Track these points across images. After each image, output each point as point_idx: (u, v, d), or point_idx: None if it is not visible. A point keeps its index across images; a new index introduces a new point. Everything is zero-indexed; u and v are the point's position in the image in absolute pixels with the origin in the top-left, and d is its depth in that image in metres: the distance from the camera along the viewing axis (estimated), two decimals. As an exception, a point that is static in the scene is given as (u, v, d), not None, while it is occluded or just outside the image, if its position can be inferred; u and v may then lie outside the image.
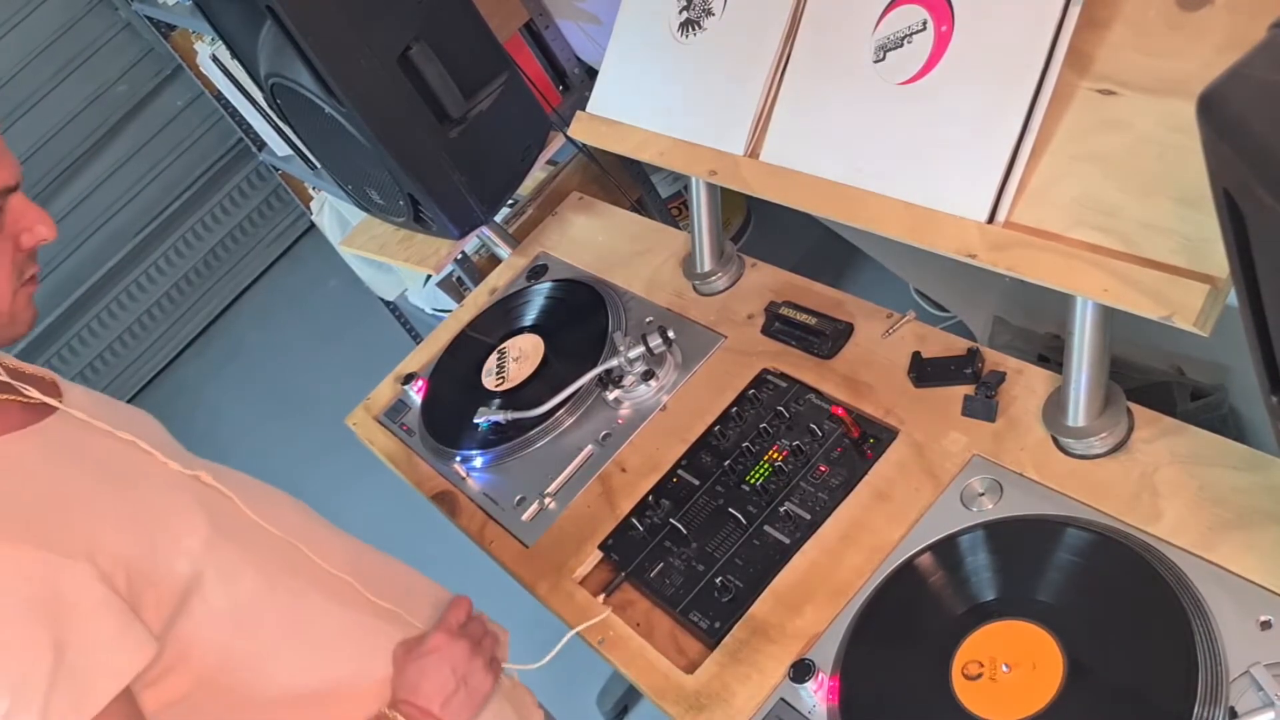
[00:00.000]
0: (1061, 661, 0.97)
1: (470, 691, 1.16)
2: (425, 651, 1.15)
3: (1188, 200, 0.95)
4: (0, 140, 0.99)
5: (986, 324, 1.90)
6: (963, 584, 1.09)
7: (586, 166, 2.35)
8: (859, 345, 1.40)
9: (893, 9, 1.19)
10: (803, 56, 1.31)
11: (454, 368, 1.78)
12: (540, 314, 1.76)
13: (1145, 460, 1.10)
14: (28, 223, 1.02)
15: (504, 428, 1.57)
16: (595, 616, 1.29)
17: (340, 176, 1.94)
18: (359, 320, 3.65)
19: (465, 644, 1.16)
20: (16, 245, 1.00)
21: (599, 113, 1.60)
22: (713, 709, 1.15)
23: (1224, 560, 0.99)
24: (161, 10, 2.96)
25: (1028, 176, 1.08)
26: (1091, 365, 1.11)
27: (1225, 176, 0.66)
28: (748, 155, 1.36)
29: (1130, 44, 1.03)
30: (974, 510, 1.14)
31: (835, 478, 1.27)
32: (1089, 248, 1.02)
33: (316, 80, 1.58)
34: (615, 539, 1.36)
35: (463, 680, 1.15)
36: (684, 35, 1.47)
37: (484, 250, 2.41)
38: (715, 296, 1.60)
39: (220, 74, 2.77)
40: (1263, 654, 0.90)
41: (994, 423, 1.22)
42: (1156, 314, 0.95)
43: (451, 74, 1.63)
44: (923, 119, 1.16)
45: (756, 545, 1.26)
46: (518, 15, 2.23)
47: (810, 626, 1.16)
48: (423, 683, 1.14)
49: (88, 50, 4.13)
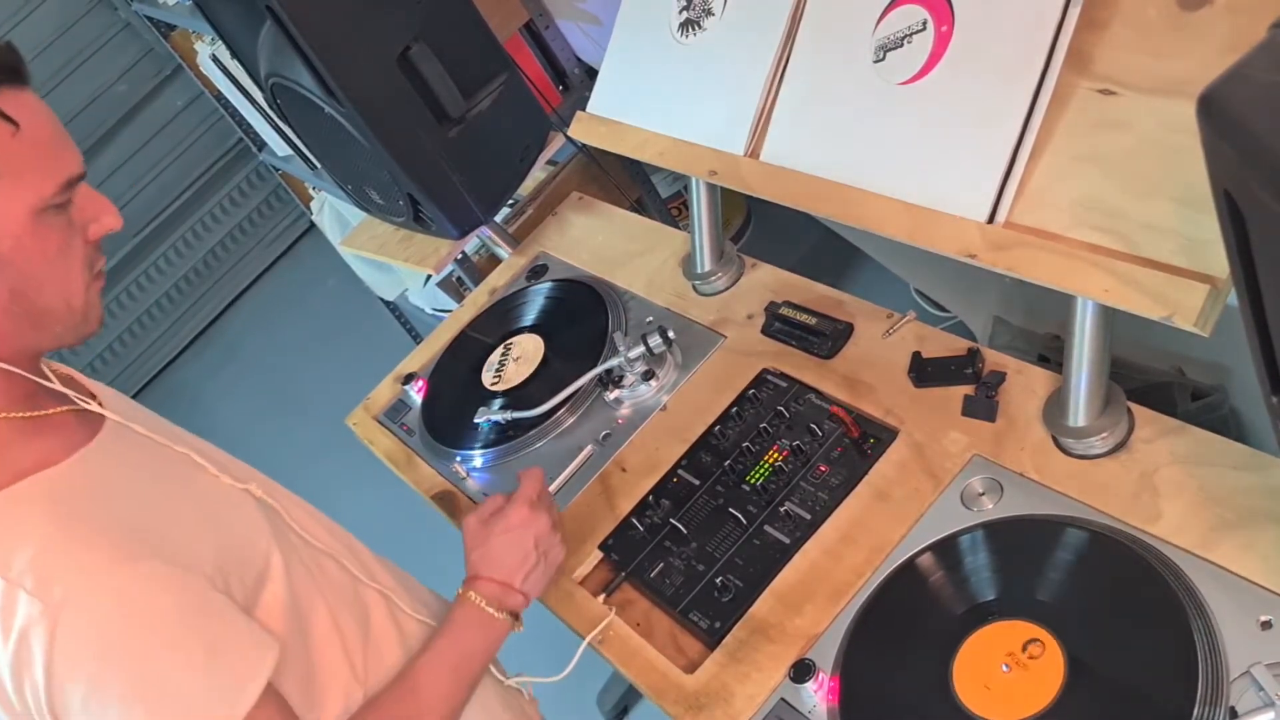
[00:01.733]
0: (1062, 661, 0.97)
1: (548, 564, 1.20)
2: (508, 527, 1.19)
3: (1188, 201, 0.95)
4: (62, 129, 0.97)
5: (987, 324, 1.90)
6: (963, 584, 1.09)
7: (586, 166, 2.35)
8: (859, 345, 1.40)
9: (893, 9, 1.19)
10: (803, 56, 1.31)
11: (454, 368, 1.78)
12: (540, 314, 1.76)
13: (1145, 460, 1.10)
14: (94, 212, 0.99)
15: (504, 428, 1.57)
16: (599, 619, 1.28)
17: (340, 176, 1.94)
18: (359, 320, 3.65)
19: (545, 517, 1.20)
20: (84, 238, 0.98)
21: (599, 113, 1.60)
22: (713, 709, 1.15)
23: (1224, 560, 0.99)
24: (161, 10, 2.96)
25: (1028, 177, 1.08)
26: (1092, 365, 1.11)
27: (1225, 177, 0.66)
28: (748, 155, 1.36)
29: (1130, 44, 1.03)
30: (974, 510, 1.14)
31: (835, 477, 1.27)
32: (1089, 248, 1.02)
33: (316, 80, 1.58)
34: (615, 539, 1.36)
35: (543, 554, 1.19)
36: (684, 35, 1.47)
37: (484, 250, 2.41)
38: (715, 296, 1.60)
39: (220, 74, 2.78)
40: (1263, 654, 0.90)
41: (994, 423, 1.22)
42: (1157, 314, 0.95)
43: (451, 74, 1.63)
44: (923, 119, 1.16)
45: (756, 545, 1.26)
46: (518, 15, 2.23)
47: (810, 626, 1.16)
48: (506, 557, 1.17)
49: (87, 50, 4.12)
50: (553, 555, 1.22)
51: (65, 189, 0.95)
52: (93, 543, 0.90)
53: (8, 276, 0.93)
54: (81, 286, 0.99)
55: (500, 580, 1.17)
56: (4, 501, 0.91)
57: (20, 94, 0.93)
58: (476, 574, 1.18)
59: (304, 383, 3.84)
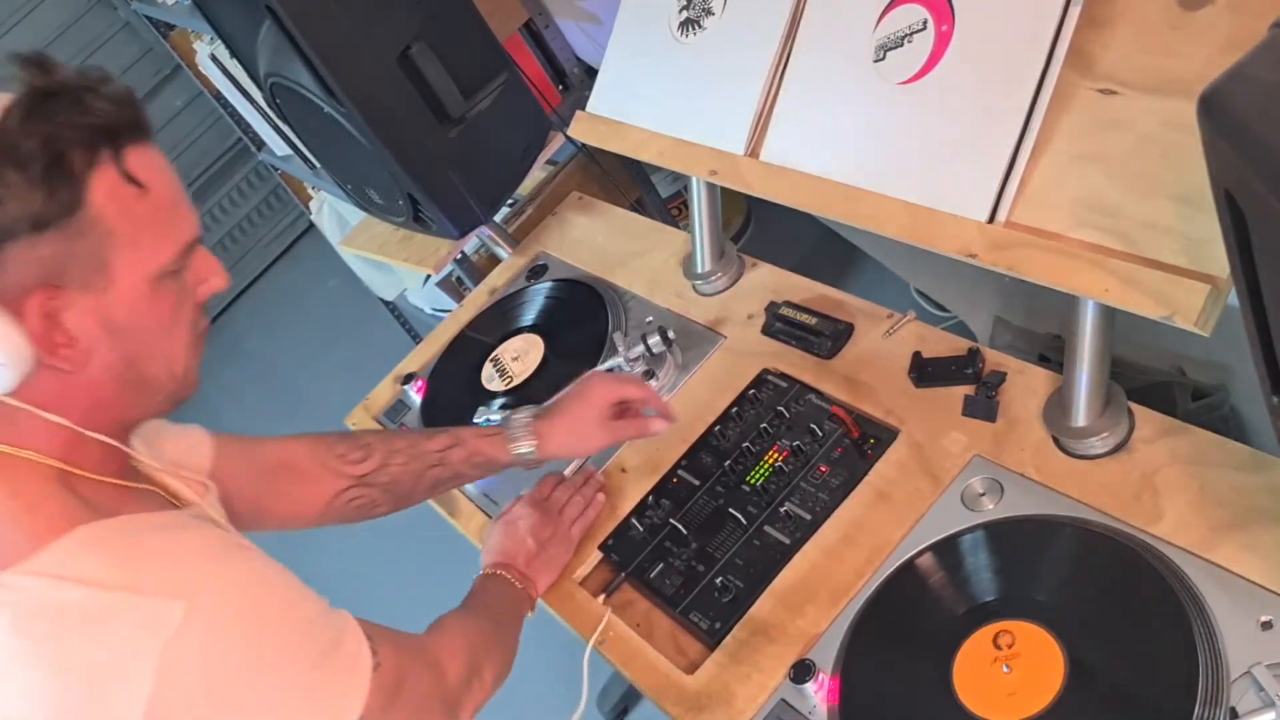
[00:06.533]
0: (1063, 662, 0.97)
1: (548, 555, 1.33)
2: (509, 520, 1.35)
3: (1189, 200, 0.95)
4: (181, 186, 0.93)
5: (987, 324, 1.90)
6: (963, 584, 1.09)
7: (586, 166, 2.35)
8: (859, 345, 1.40)
9: (893, 8, 1.19)
10: (803, 56, 1.31)
11: (453, 368, 1.78)
12: (540, 314, 1.76)
13: (1146, 460, 1.10)
14: (205, 274, 0.96)
15: (504, 428, 1.57)
16: (599, 619, 1.28)
17: (340, 176, 1.93)
18: (358, 320, 3.64)
19: (542, 515, 1.34)
20: (194, 300, 0.96)
21: (599, 112, 1.60)
22: (713, 709, 1.15)
23: (1225, 560, 0.99)
24: (161, 10, 2.95)
25: (1028, 176, 1.07)
26: (1092, 365, 1.10)
27: (1226, 176, 0.66)
28: (748, 155, 1.36)
29: (1131, 44, 1.03)
30: (975, 510, 1.14)
31: (836, 478, 1.27)
32: (1090, 248, 1.02)
33: (316, 80, 1.58)
34: (615, 539, 1.36)
35: (543, 545, 1.32)
36: (684, 34, 1.47)
37: (484, 250, 2.41)
38: (715, 296, 1.60)
39: (219, 74, 2.77)
40: (1264, 654, 0.90)
41: (995, 423, 1.22)
42: (1157, 314, 0.95)
43: (451, 74, 1.63)
44: (923, 118, 1.16)
45: (757, 545, 1.25)
46: (518, 15, 2.23)
47: (811, 627, 1.15)
48: (510, 545, 1.32)
49: (87, 50, 4.12)
50: (553, 547, 1.33)
51: (185, 253, 0.93)
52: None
53: (125, 345, 0.90)
54: (185, 351, 0.96)
55: (509, 563, 1.30)
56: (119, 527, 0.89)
57: (145, 150, 0.90)
58: (489, 562, 1.32)
59: (303, 383, 3.84)
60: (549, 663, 1.24)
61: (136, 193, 0.88)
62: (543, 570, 1.32)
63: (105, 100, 0.86)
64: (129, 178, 0.87)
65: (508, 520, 1.36)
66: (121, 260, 0.88)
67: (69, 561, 0.84)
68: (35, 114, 0.83)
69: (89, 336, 0.88)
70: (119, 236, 0.87)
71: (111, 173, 0.86)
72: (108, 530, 0.87)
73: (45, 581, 0.83)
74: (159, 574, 0.85)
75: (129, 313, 0.89)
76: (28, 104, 0.83)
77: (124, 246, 0.87)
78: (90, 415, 0.92)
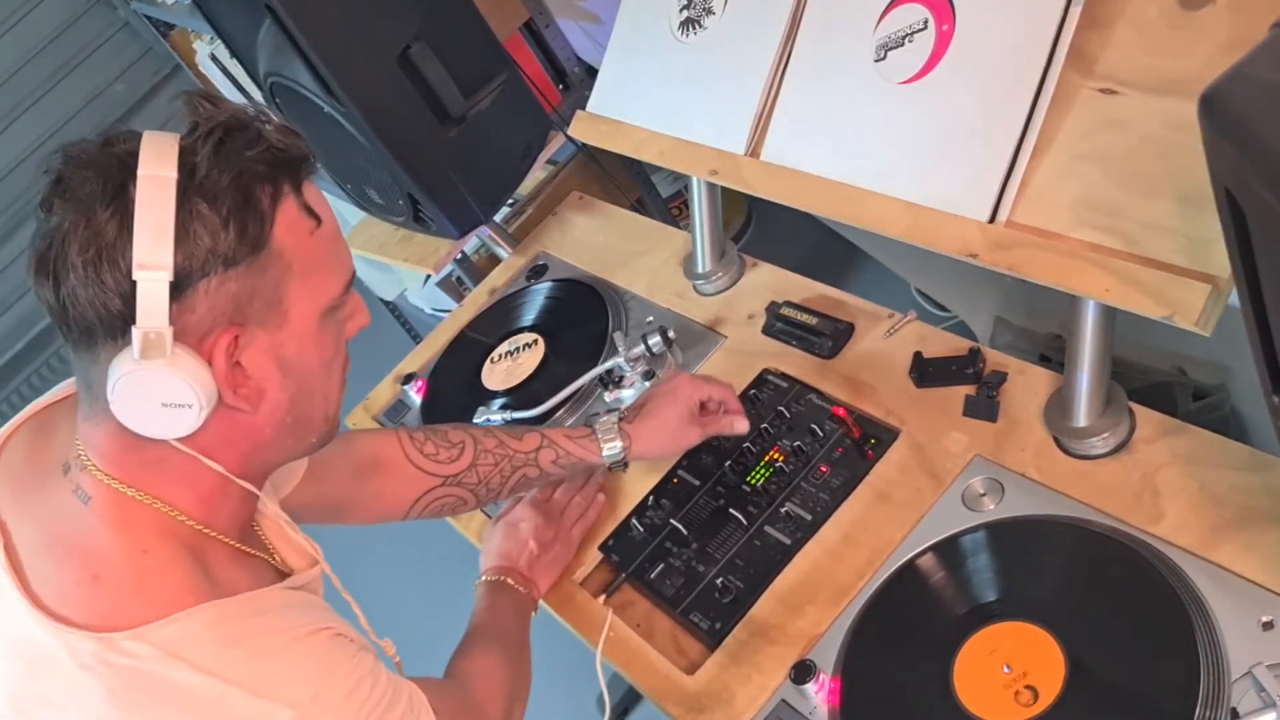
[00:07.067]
0: (1063, 662, 0.97)
1: (549, 556, 1.33)
2: (510, 521, 1.35)
3: (1189, 200, 0.95)
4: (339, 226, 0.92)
5: (988, 324, 1.90)
6: (964, 585, 1.08)
7: (586, 166, 2.35)
8: (860, 345, 1.40)
9: (894, 8, 1.19)
10: (803, 55, 1.31)
11: (453, 368, 1.77)
12: (540, 314, 1.76)
13: (1147, 460, 1.10)
14: (353, 310, 0.95)
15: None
16: (600, 620, 1.28)
17: (340, 176, 1.93)
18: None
19: (543, 517, 1.34)
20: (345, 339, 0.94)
21: (599, 112, 1.60)
22: (713, 710, 1.15)
23: (1226, 561, 0.98)
24: (160, 9, 2.96)
25: (1029, 176, 1.07)
26: (1093, 365, 1.10)
27: (1227, 176, 0.66)
28: (748, 155, 1.36)
29: (1132, 43, 1.03)
30: (975, 511, 1.14)
31: (836, 478, 1.27)
32: (1091, 247, 1.01)
33: (316, 80, 1.58)
34: (615, 539, 1.36)
35: (544, 547, 1.33)
36: (684, 34, 1.47)
37: (484, 250, 2.41)
38: (716, 296, 1.60)
39: (219, 73, 2.78)
40: (1264, 654, 0.90)
41: (995, 423, 1.22)
42: (1158, 314, 0.95)
43: (451, 73, 1.63)
44: (924, 118, 1.15)
45: (757, 546, 1.25)
46: (518, 14, 2.23)
47: (811, 627, 1.15)
48: (511, 548, 1.32)
49: (86, 50, 4.11)
50: (555, 549, 1.33)
51: (349, 287, 0.92)
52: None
53: (292, 384, 0.89)
54: (338, 391, 0.95)
55: (511, 566, 1.30)
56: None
57: (314, 186, 0.89)
58: (490, 565, 1.32)
59: (304, 382, 3.84)
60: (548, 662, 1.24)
61: (312, 225, 0.88)
62: (544, 572, 1.33)
63: (280, 133, 0.86)
64: (308, 210, 0.87)
65: (508, 522, 1.36)
66: (296, 295, 0.87)
67: (188, 641, 0.82)
68: (222, 150, 0.82)
69: (262, 375, 0.87)
70: (295, 271, 0.86)
71: (293, 206, 0.86)
72: (228, 613, 0.85)
73: (158, 654, 0.81)
74: (273, 675, 0.84)
75: (298, 350, 0.88)
76: (216, 140, 0.82)
77: (299, 281, 0.86)
78: (246, 460, 0.91)
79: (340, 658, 0.88)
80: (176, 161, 0.80)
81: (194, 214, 0.80)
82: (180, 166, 0.80)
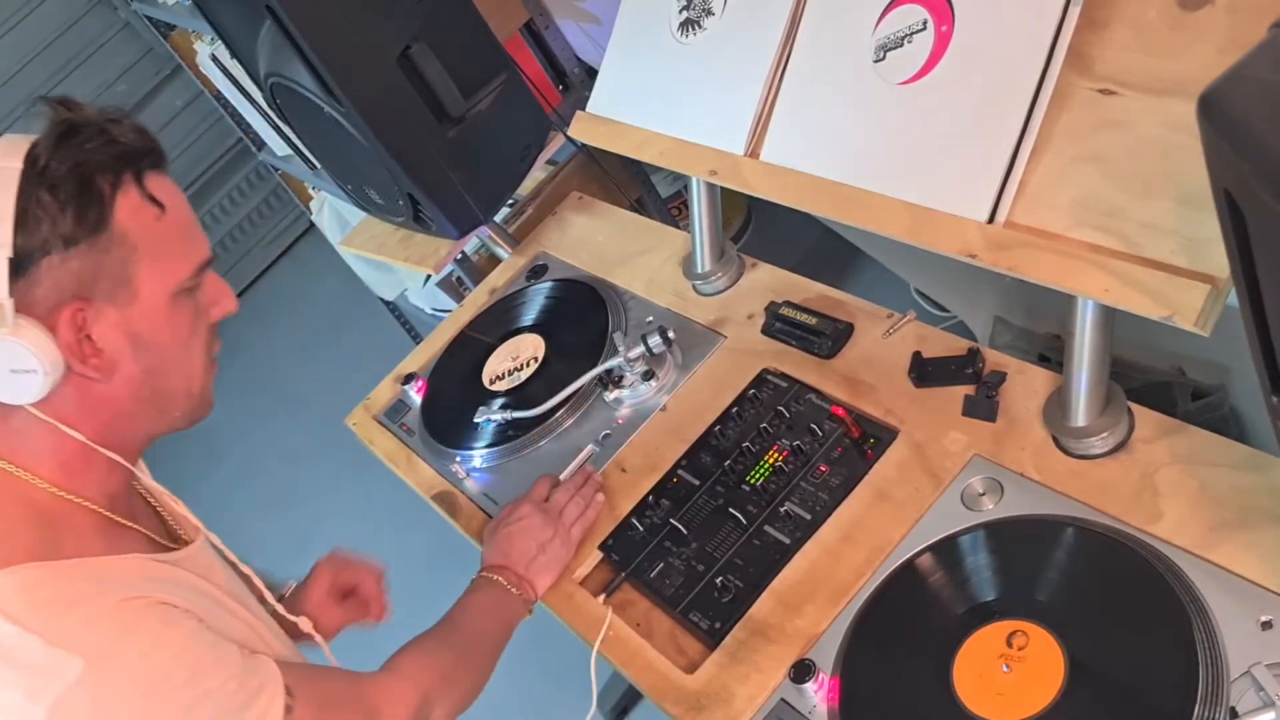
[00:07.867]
0: (1062, 662, 0.97)
1: (549, 557, 1.34)
2: (512, 520, 1.36)
3: (1188, 200, 0.95)
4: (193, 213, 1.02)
5: (987, 324, 1.90)
6: (963, 584, 1.09)
7: (586, 166, 2.35)
8: (859, 345, 1.40)
9: (893, 9, 1.19)
10: (803, 56, 1.31)
11: (454, 368, 1.78)
12: (540, 314, 1.76)
13: (1146, 460, 1.10)
14: (217, 296, 1.05)
15: (504, 428, 1.57)
16: (600, 619, 1.28)
17: (340, 176, 1.94)
18: (359, 320, 3.64)
19: (542, 517, 1.35)
20: (208, 320, 1.04)
21: (599, 112, 1.60)
22: (713, 709, 1.15)
23: (1225, 560, 0.99)
24: (161, 10, 2.96)
25: (1028, 176, 1.07)
26: (1092, 365, 1.11)
27: (1226, 176, 0.66)
28: (748, 155, 1.36)
29: (1131, 44, 1.03)
30: (975, 510, 1.14)
31: (835, 478, 1.27)
32: (1090, 248, 1.02)
33: (316, 80, 1.58)
34: (615, 539, 1.36)
35: (542, 547, 1.34)
36: (684, 35, 1.47)
37: (484, 250, 2.41)
38: (715, 296, 1.60)
39: (220, 74, 2.77)
40: (1263, 654, 0.90)
41: (994, 423, 1.22)
42: (1157, 314, 0.95)
43: (451, 74, 1.63)
44: (923, 119, 1.16)
45: (756, 545, 1.25)
46: (518, 15, 2.23)
47: (810, 627, 1.15)
48: (509, 548, 1.33)
49: (87, 50, 4.12)
50: (554, 548, 1.34)
51: (199, 272, 1.01)
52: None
53: (147, 358, 0.97)
54: (202, 370, 1.03)
55: (507, 566, 1.31)
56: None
57: (162, 178, 0.99)
58: (487, 564, 1.33)
59: (304, 383, 3.84)
60: (548, 663, 1.24)
61: (157, 213, 0.97)
62: (543, 572, 1.33)
63: (126, 130, 0.96)
64: (150, 198, 0.96)
65: (508, 521, 1.37)
66: (144, 275, 0.95)
67: (1, 593, 0.88)
68: (64, 144, 0.92)
69: (114, 348, 0.95)
70: (142, 253, 0.95)
71: (134, 194, 0.95)
72: (50, 573, 0.90)
73: None
74: (70, 627, 0.88)
75: (150, 326, 0.97)
76: (57, 135, 0.92)
77: (146, 262, 0.95)
78: (107, 430, 0.98)
79: (149, 622, 0.91)
80: (23, 155, 0.91)
81: (35, 200, 0.90)
82: (26, 159, 0.90)
